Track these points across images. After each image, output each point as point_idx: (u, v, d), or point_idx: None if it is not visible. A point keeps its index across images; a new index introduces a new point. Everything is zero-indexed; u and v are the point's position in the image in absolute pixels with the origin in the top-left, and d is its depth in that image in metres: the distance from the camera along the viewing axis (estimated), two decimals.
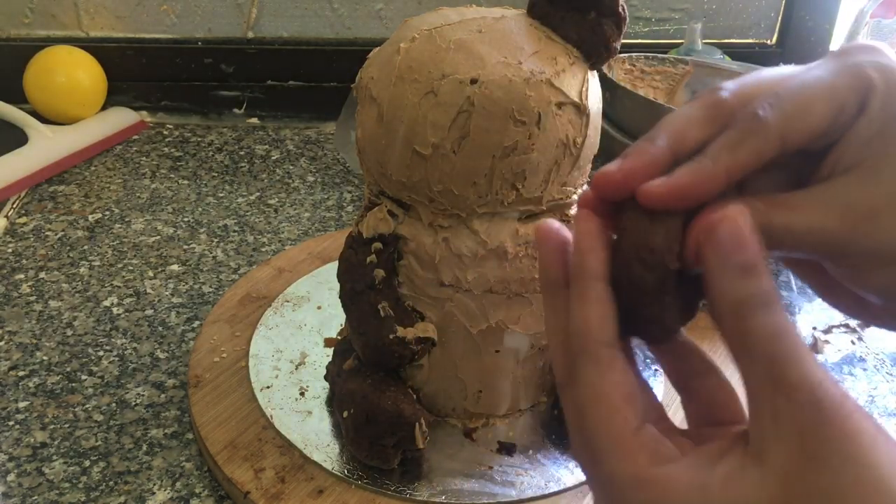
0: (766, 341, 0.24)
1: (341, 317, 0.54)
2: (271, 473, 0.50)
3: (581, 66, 0.45)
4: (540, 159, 0.45)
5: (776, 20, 1.03)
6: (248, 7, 0.98)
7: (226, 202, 0.83)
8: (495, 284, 0.48)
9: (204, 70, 1.00)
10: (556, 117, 0.44)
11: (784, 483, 0.23)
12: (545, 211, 0.48)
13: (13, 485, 0.51)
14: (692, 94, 0.86)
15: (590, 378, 0.27)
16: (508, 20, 0.45)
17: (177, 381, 0.59)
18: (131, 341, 0.63)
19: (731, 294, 0.25)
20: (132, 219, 0.80)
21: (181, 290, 0.69)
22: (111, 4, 0.97)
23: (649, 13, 1.02)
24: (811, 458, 0.23)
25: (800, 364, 0.24)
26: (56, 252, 0.74)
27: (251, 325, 0.62)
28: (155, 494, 0.50)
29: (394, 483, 0.49)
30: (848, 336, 0.69)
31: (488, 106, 0.43)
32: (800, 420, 0.23)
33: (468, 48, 0.44)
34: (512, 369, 0.51)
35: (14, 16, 0.97)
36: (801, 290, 0.75)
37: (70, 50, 0.94)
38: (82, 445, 0.54)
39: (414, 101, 0.44)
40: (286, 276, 0.68)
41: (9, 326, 0.64)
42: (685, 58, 0.86)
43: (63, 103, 0.92)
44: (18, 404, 0.57)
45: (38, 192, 0.83)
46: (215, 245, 0.76)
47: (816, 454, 0.23)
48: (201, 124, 1.00)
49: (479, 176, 0.45)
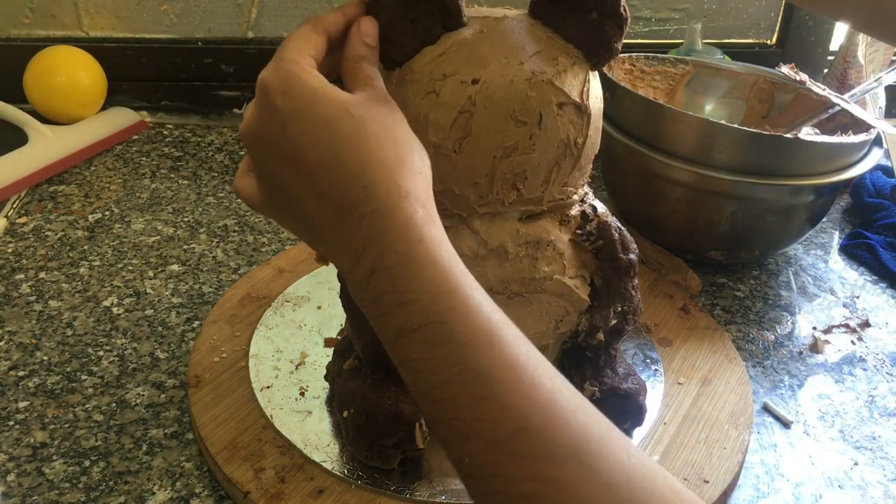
0: (359, 62, 0.41)
1: (341, 317, 0.54)
2: (271, 473, 0.50)
3: (582, 67, 0.45)
4: (541, 159, 0.45)
5: (776, 20, 1.04)
6: (248, 7, 0.98)
7: (226, 202, 0.83)
8: (495, 284, 0.48)
9: (204, 70, 1.00)
10: (558, 117, 0.44)
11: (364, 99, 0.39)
12: (546, 211, 0.48)
13: (13, 485, 0.51)
14: (692, 94, 0.86)
15: (303, 28, 0.41)
16: (510, 20, 0.45)
17: (177, 381, 0.59)
18: (131, 341, 0.63)
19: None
20: (132, 219, 0.80)
21: (181, 290, 0.69)
22: (111, 4, 0.97)
23: (649, 13, 1.02)
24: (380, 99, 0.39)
25: (369, 73, 0.40)
26: (56, 252, 0.74)
27: (251, 325, 0.62)
28: (155, 494, 0.50)
29: (394, 483, 0.49)
30: (848, 336, 0.69)
31: (489, 106, 0.43)
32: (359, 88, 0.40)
33: (470, 48, 0.44)
34: None
35: (14, 16, 0.97)
36: (801, 291, 0.75)
37: (70, 50, 0.93)
38: (82, 445, 0.54)
39: (415, 101, 0.44)
40: (286, 276, 0.68)
41: (9, 326, 0.64)
42: (685, 58, 0.86)
43: (63, 103, 0.92)
44: (18, 404, 0.57)
45: (38, 192, 0.83)
46: (215, 245, 0.76)
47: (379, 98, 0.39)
48: (201, 124, 1.00)
49: (479, 176, 0.45)
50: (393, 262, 0.34)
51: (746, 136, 0.68)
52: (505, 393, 0.31)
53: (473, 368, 0.32)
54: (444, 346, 0.33)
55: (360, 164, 0.36)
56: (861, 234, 0.82)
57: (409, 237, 0.34)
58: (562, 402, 0.32)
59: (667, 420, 0.56)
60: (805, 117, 0.79)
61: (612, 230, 0.49)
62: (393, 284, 0.34)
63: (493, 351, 0.32)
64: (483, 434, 0.31)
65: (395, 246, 0.34)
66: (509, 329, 0.34)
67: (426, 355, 0.33)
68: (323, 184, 0.36)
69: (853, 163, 0.71)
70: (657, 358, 0.62)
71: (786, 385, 0.63)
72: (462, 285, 0.34)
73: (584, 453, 0.31)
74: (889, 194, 0.86)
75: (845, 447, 0.58)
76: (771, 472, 0.55)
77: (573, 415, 0.31)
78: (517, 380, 0.32)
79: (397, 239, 0.34)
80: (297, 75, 0.38)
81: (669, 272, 0.74)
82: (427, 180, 0.37)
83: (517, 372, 0.32)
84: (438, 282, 0.34)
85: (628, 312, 0.51)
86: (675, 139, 0.70)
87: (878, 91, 0.82)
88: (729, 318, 0.71)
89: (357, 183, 0.36)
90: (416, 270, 0.34)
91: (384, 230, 0.35)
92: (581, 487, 0.30)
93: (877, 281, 0.78)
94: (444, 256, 0.35)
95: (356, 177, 0.36)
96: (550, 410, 0.31)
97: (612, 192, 0.82)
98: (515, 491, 0.30)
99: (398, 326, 0.34)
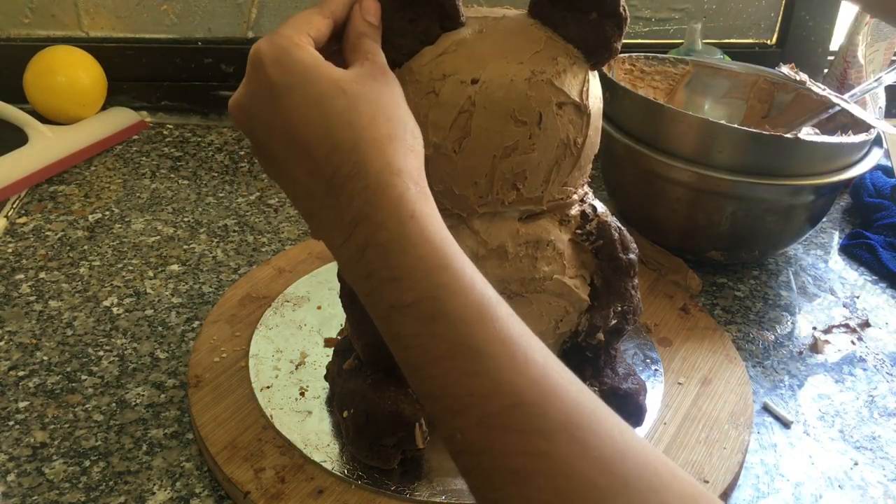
0: (360, 38, 0.41)
1: (341, 317, 0.54)
2: (271, 473, 0.50)
3: (582, 66, 0.45)
4: (540, 159, 0.45)
5: (776, 20, 1.04)
6: (248, 7, 0.98)
7: (226, 202, 0.83)
8: (495, 284, 0.47)
9: (204, 70, 1.00)
10: (557, 117, 0.44)
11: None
12: (546, 211, 0.48)
13: (13, 485, 0.51)
14: (692, 94, 0.86)
15: (307, 10, 0.41)
16: (509, 20, 0.45)
17: (177, 381, 0.59)
18: (131, 341, 0.63)
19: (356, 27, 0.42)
20: (132, 219, 0.80)
21: (181, 290, 0.69)
22: (111, 4, 0.97)
23: (649, 13, 1.02)
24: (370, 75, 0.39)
25: (369, 47, 0.41)
26: (56, 252, 0.74)
27: (251, 325, 0.62)
28: (155, 494, 0.50)
29: (394, 483, 0.49)
30: (848, 336, 0.69)
31: (489, 106, 0.43)
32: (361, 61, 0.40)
33: (469, 48, 0.44)
34: None
35: (14, 16, 0.97)
36: (801, 291, 0.75)
37: (70, 50, 0.93)
38: (82, 445, 0.54)
39: (415, 101, 0.44)
40: (286, 276, 0.68)
41: (9, 326, 0.64)
42: (685, 58, 0.86)
43: (63, 103, 0.92)
44: (18, 404, 0.57)
45: (38, 192, 0.83)
46: (215, 245, 0.76)
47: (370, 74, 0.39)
48: (201, 124, 1.00)
49: (479, 176, 0.45)
50: (384, 239, 0.34)
51: (746, 136, 0.68)
52: (497, 368, 0.31)
53: (465, 344, 0.32)
54: (435, 322, 0.33)
55: (352, 140, 0.36)
56: (861, 234, 0.82)
57: (401, 214, 0.34)
58: (554, 377, 0.32)
59: (667, 420, 0.56)
60: (805, 117, 0.79)
61: (612, 230, 0.49)
62: (384, 260, 0.34)
63: (485, 327, 0.32)
64: (474, 409, 0.31)
65: (387, 222, 0.34)
66: (501, 306, 0.34)
67: (418, 331, 0.33)
68: (314, 160, 0.36)
69: (853, 163, 0.71)
70: (657, 358, 0.62)
71: (786, 385, 0.63)
72: (454, 262, 0.34)
73: (576, 427, 0.31)
74: (889, 194, 0.86)
75: (845, 447, 0.58)
76: (771, 472, 0.55)
77: (565, 391, 0.32)
78: (509, 355, 0.32)
79: (389, 216, 0.34)
80: (291, 49, 0.38)
81: (669, 272, 0.74)
82: (420, 157, 0.38)
83: (510, 348, 0.32)
84: (430, 258, 0.34)
85: (628, 312, 0.51)
86: (675, 139, 0.70)
87: (878, 91, 0.82)
88: (729, 318, 0.71)
89: (348, 160, 0.36)
90: (408, 246, 0.34)
91: (376, 207, 0.35)
92: (573, 461, 0.30)
93: (877, 281, 0.78)
94: (436, 233, 0.35)
95: (348, 153, 0.36)
96: (542, 386, 0.31)
97: (612, 192, 0.82)
98: (507, 466, 0.30)
99: (390, 302, 0.34)
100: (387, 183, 0.35)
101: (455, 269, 0.34)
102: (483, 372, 0.31)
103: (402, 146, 0.37)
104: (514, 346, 0.32)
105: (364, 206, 0.35)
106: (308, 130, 0.36)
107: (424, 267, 0.34)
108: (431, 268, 0.34)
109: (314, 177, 0.37)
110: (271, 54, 0.37)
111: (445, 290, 0.33)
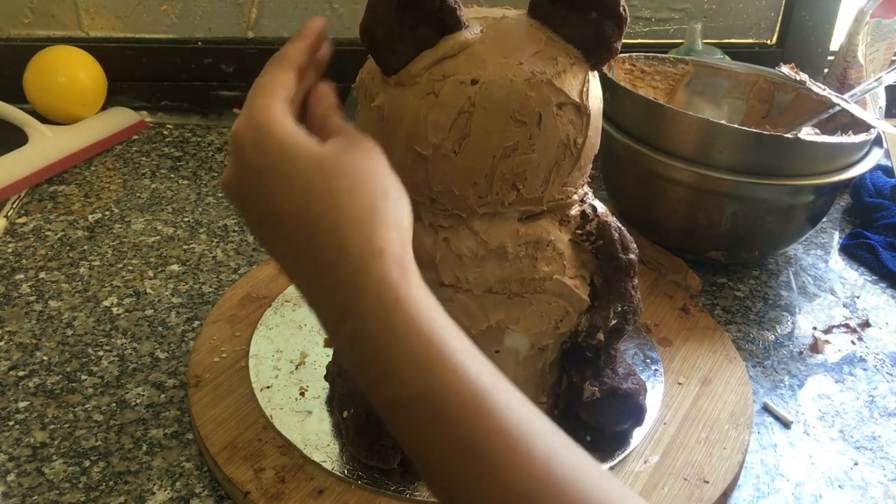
0: (325, 119, 0.41)
1: None
2: (271, 473, 0.50)
3: (582, 67, 0.45)
4: (540, 159, 0.45)
5: (776, 20, 1.04)
6: (248, 7, 0.98)
7: (226, 202, 0.83)
8: (495, 284, 0.48)
9: (204, 70, 1.00)
10: (557, 117, 0.44)
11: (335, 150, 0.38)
12: (546, 211, 0.48)
13: (13, 485, 0.51)
14: (692, 94, 0.86)
15: (269, 68, 0.41)
16: (509, 20, 0.45)
17: (177, 381, 0.59)
18: (131, 341, 0.63)
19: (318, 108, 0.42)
20: (132, 219, 0.80)
21: (181, 290, 0.69)
22: (111, 4, 0.97)
23: (649, 13, 1.02)
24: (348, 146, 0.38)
25: (337, 124, 0.41)
26: (56, 252, 0.74)
27: (251, 325, 0.62)
28: (155, 494, 0.50)
29: (394, 483, 0.49)
30: (848, 336, 0.69)
31: (489, 106, 0.43)
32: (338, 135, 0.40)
33: (469, 49, 0.44)
34: (512, 370, 0.51)
35: (14, 16, 0.97)
36: (801, 291, 0.75)
37: (70, 50, 0.94)
38: (82, 445, 0.54)
39: (414, 101, 0.44)
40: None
41: (9, 326, 0.64)
42: (685, 58, 0.86)
43: (63, 103, 0.92)
44: (18, 404, 0.57)
45: (38, 192, 0.83)
46: (215, 245, 0.76)
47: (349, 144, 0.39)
48: (201, 124, 1.00)
49: (479, 176, 0.45)
50: (372, 330, 0.34)
51: (747, 136, 0.68)
52: (504, 467, 0.31)
53: (466, 444, 0.32)
54: (434, 422, 0.32)
55: (333, 221, 0.36)
56: (861, 234, 0.82)
57: (385, 301, 0.34)
58: (557, 470, 0.32)
59: (667, 420, 0.56)
60: (805, 117, 0.79)
61: (612, 230, 0.49)
62: (375, 357, 0.34)
63: (482, 421, 0.32)
64: None
65: (372, 312, 0.34)
66: (499, 391, 0.33)
67: (418, 429, 0.33)
68: (298, 244, 0.36)
69: (853, 163, 0.71)
70: (657, 358, 0.62)
71: (786, 385, 0.63)
72: (444, 349, 0.33)
73: None
74: (889, 194, 0.86)
75: (845, 447, 0.58)
76: (771, 472, 0.55)
77: (572, 483, 0.32)
78: (511, 447, 0.32)
79: (372, 306, 0.34)
80: (268, 127, 0.37)
81: (669, 272, 0.74)
82: (403, 230, 0.37)
83: (511, 440, 0.32)
84: (419, 351, 0.33)
85: (628, 312, 0.51)
86: (676, 139, 0.70)
87: (878, 91, 0.82)
88: (729, 318, 0.71)
89: (330, 243, 0.35)
90: (395, 342, 0.33)
91: (360, 293, 0.34)
92: None
93: (877, 281, 0.78)
94: (423, 318, 0.34)
95: (329, 235, 0.35)
96: (546, 480, 0.31)
97: (612, 192, 0.82)
98: None
99: (387, 398, 0.34)
100: (369, 266, 0.34)
101: (445, 358, 0.33)
102: (488, 474, 0.31)
103: (384, 222, 0.36)
104: (514, 438, 0.32)
105: (349, 293, 0.35)
106: (291, 213, 0.36)
107: (415, 363, 0.33)
108: (421, 364, 0.33)
109: (300, 262, 0.37)
110: (250, 137, 0.38)
111: (439, 386, 0.32)
